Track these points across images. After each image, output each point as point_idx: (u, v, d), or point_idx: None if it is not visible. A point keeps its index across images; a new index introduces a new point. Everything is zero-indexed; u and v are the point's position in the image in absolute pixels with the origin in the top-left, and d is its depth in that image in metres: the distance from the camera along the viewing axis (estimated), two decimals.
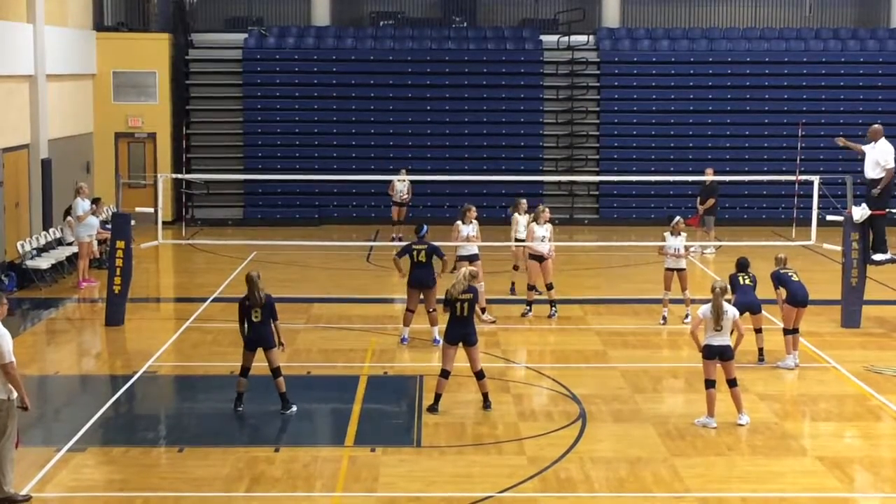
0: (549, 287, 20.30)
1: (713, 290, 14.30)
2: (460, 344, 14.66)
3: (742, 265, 17.35)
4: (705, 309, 14.32)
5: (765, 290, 17.62)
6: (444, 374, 14.75)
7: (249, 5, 35.72)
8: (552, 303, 20.38)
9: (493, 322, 19.73)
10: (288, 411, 14.76)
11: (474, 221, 19.71)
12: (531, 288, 20.38)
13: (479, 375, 14.85)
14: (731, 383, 14.35)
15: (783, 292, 17.22)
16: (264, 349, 14.63)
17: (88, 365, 18.25)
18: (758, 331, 17.29)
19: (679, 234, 19.72)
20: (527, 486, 12.30)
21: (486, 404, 14.88)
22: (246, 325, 14.66)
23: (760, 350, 17.33)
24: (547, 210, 20.40)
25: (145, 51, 32.31)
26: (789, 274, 17.27)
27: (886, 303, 21.75)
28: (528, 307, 20.43)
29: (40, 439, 13.80)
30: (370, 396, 15.55)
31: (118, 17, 34.19)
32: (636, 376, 16.60)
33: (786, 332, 17.20)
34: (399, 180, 28.20)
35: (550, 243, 20.20)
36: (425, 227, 18.59)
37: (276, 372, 14.71)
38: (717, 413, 14.39)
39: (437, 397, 14.79)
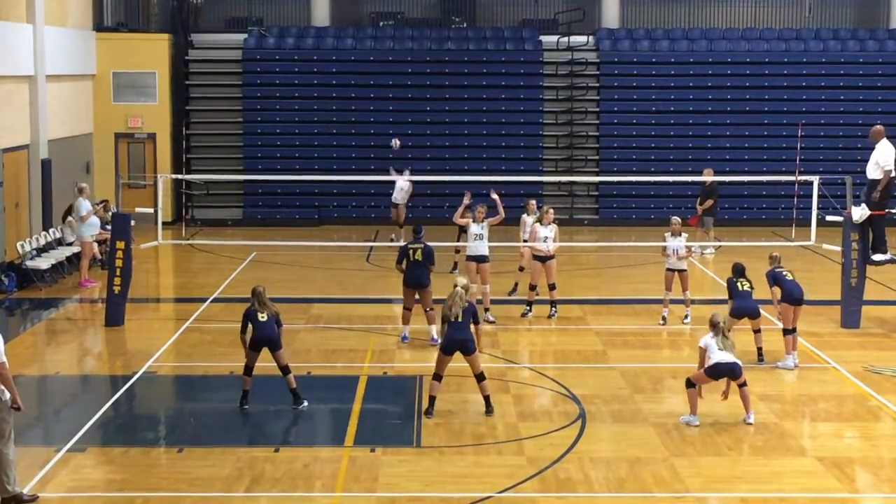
0: (552, 287, 20.31)
1: (717, 324, 14.23)
2: (457, 353, 14.58)
3: (739, 271, 17.31)
4: (708, 341, 14.23)
5: (762, 291, 17.61)
6: (437, 377, 14.69)
7: (249, 5, 35.74)
8: (553, 303, 20.38)
9: (493, 322, 19.74)
10: (300, 406, 14.88)
11: (485, 221, 19.75)
12: (532, 288, 20.38)
13: (480, 377, 14.76)
14: (741, 385, 14.37)
15: (778, 291, 17.22)
16: (271, 350, 14.75)
17: (88, 365, 18.26)
18: (756, 331, 17.29)
19: (679, 235, 19.70)
20: (526, 486, 12.30)
21: (489, 409, 14.71)
22: (250, 327, 14.74)
23: (760, 350, 17.34)
24: (551, 211, 20.41)
25: (145, 51, 32.32)
26: (784, 273, 17.28)
27: (886, 303, 21.75)
28: (528, 307, 20.44)
29: (40, 439, 13.82)
30: (370, 396, 15.56)
31: (118, 17, 34.20)
32: (636, 376, 16.61)
33: (785, 332, 17.20)
34: (404, 179, 27.43)
35: (554, 244, 20.19)
36: (422, 228, 18.75)
37: (284, 370, 14.86)
38: (717, 413, 14.41)
39: (432, 400, 14.71)
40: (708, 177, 26.52)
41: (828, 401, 15.65)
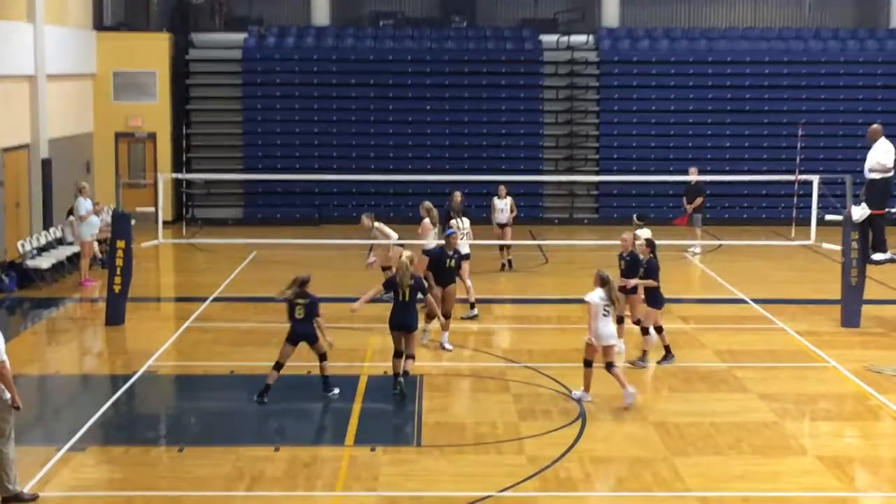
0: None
1: (605, 279, 14.70)
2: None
3: (654, 246, 17.46)
4: (598, 301, 14.66)
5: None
6: (398, 354, 15.38)
7: (249, 5, 35.75)
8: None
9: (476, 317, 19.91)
10: (331, 393, 15.23)
11: (465, 220, 20.16)
12: None
13: (409, 357, 15.45)
14: (611, 366, 14.87)
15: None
16: (309, 344, 15.22)
17: (88, 364, 18.26)
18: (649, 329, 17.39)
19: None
20: (527, 485, 12.30)
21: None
22: (290, 322, 15.22)
23: (645, 353, 17.33)
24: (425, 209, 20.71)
25: (145, 51, 32.32)
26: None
27: (886, 302, 21.75)
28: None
29: (41, 439, 13.80)
30: (370, 396, 15.56)
31: (118, 16, 34.22)
32: (636, 376, 16.59)
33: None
34: (498, 197, 25.20)
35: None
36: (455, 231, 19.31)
37: (322, 357, 15.31)
38: (717, 413, 14.41)
39: (396, 377, 15.29)
40: (693, 176, 26.58)
41: (828, 400, 15.65)
